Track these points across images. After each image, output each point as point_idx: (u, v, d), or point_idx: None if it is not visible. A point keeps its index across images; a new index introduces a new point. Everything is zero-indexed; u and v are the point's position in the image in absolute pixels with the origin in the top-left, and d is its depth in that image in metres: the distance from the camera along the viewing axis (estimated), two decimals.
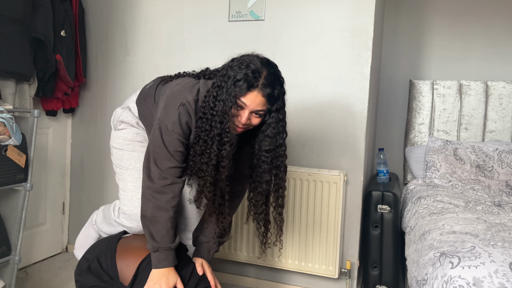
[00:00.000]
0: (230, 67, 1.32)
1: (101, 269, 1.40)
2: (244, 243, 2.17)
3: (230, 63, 1.34)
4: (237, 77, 1.28)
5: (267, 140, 1.37)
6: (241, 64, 1.30)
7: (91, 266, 1.42)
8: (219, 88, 1.32)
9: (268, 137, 1.36)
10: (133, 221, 1.54)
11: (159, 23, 2.40)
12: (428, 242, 1.51)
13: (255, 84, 1.27)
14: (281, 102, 1.34)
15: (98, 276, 1.40)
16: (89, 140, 2.60)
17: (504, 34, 2.70)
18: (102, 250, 1.45)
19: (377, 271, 2.05)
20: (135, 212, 1.53)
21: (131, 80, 2.47)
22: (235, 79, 1.28)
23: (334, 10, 2.07)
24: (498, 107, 2.59)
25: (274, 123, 1.35)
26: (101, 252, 1.44)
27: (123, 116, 1.61)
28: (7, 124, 1.70)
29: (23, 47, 2.05)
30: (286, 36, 2.15)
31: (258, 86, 1.28)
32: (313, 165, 2.14)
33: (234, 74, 1.29)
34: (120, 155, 1.60)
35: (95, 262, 1.42)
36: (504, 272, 1.17)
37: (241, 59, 1.32)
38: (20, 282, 2.19)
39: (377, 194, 2.06)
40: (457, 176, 2.35)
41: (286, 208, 2.07)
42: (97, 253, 1.45)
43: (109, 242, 1.48)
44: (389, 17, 2.89)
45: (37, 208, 2.46)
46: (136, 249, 1.44)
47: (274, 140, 1.37)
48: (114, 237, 1.51)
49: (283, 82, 1.35)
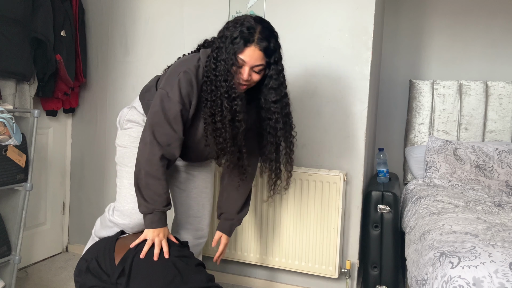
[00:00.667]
0: (226, 28, 1.40)
1: (100, 269, 1.41)
2: (244, 243, 2.17)
3: (226, 25, 1.42)
4: (234, 35, 1.36)
5: (272, 92, 1.44)
6: (235, 23, 1.38)
7: (90, 267, 1.42)
8: (219, 49, 1.39)
9: (273, 89, 1.43)
10: (125, 217, 1.56)
11: (159, 23, 2.40)
12: (428, 242, 1.51)
13: (251, 39, 1.35)
14: (278, 54, 1.42)
15: (97, 276, 1.41)
16: (89, 140, 2.60)
17: (504, 34, 2.70)
18: (100, 251, 1.45)
19: (377, 271, 2.05)
20: (127, 208, 1.55)
21: (131, 80, 2.47)
22: (232, 38, 1.36)
23: (334, 10, 2.07)
24: (498, 107, 2.59)
25: (275, 74, 1.42)
26: (99, 252, 1.45)
27: (129, 115, 1.64)
28: (7, 124, 1.70)
29: (23, 47, 2.05)
30: (286, 36, 2.15)
31: (254, 41, 1.35)
32: (313, 165, 2.14)
33: (230, 33, 1.37)
34: (123, 153, 1.62)
35: (94, 262, 1.42)
36: (504, 272, 1.17)
37: (235, 20, 1.41)
38: (20, 282, 2.19)
39: (377, 194, 2.06)
40: (457, 176, 2.35)
41: (287, 208, 2.07)
42: (96, 254, 1.45)
43: (107, 242, 1.49)
44: (389, 17, 2.89)
45: (37, 208, 2.46)
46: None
47: (279, 91, 1.44)
48: (112, 238, 1.52)
49: (277, 36, 1.43)
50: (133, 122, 1.64)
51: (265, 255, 2.13)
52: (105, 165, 2.55)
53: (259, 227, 2.13)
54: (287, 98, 1.49)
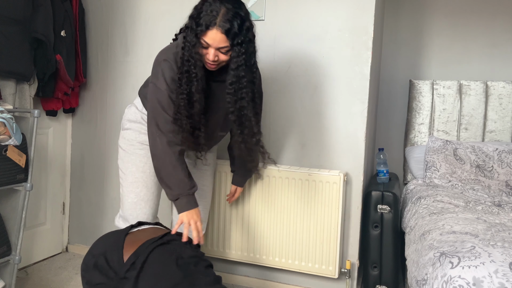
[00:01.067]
0: (195, 8, 1.43)
1: (107, 266, 1.37)
2: (244, 242, 2.17)
3: (195, 5, 1.44)
4: (197, 18, 1.39)
5: (230, 73, 1.45)
6: (202, 4, 1.40)
7: (98, 263, 1.39)
8: (187, 29, 1.44)
9: (231, 69, 1.45)
10: (126, 222, 1.65)
11: (159, 23, 2.40)
12: (428, 242, 1.51)
13: (213, 22, 1.36)
14: (243, 36, 1.41)
15: (104, 273, 1.38)
16: (89, 140, 2.60)
17: (504, 35, 2.70)
18: (108, 246, 1.42)
19: (377, 271, 2.05)
20: (127, 214, 1.65)
21: (131, 80, 2.47)
22: (196, 20, 1.39)
23: (334, 10, 2.07)
24: (498, 107, 2.59)
25: (236, 57, 1.42)
26: (107, 248, 1.41)
27: (129, 114, 1.69)
28: (7, 124, 1.70)
29: (23, 47, 2.05)
30: (286, 36, 2.15)
31: (216, 24, 1.36)
32: (313, 165, 2.14)
33: (195, 15, 1.40)
34: (122, 156, 1.69)
35: (102, 259, 1.39)
36: (504, 272, 1.17)
37: (203, 1, 1.42)
38: (20, 282, 2.19)
39: (377, 194, 2.06)
40: (457, 176, 2.35)
41: (287, 208, 2.07)
42: (104, 249, 1.42)
43: (116, 237, 1.45)
44: (389, 17, 2.89)
45: (37, 208, 2.46)
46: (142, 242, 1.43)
47: (236, 72, 1.44)
48: (121, 232, 1.48)
49: (245, 17, 1.42)
50: (132, 122, 1.68)
51: (265, 255, 2.13)
52: (105, 165, 2.55)
53: (259, 227, 2.13)
54: (245, 80, 1.46)
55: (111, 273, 1.38)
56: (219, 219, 2.20)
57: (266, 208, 2.11)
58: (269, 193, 2.09)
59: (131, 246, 1.41)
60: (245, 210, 2.15)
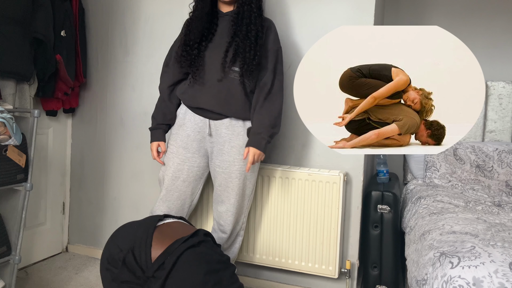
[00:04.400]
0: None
1: (135, 263, 1.36)
2: (243, 242, 2.16)
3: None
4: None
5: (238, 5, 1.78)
6: None
7: (126, 260, 1.37)
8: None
9: (240, 5, 1.76)
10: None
11: (159, 23, 2.40)
12: (428, 242, 1.51)
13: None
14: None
15: (132, 271, 1.36)
16: (89, 140, 2.60)
17: (504, 35, 2.70)
18: (137, 241, 1.40)
19: (377, 271, 2.05)
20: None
21: (131, 80, 2.47)
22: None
23: (334, 10, 2.07)
24: (498, 107, 2.59)
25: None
26: (135, 244, 1.39)
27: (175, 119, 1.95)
28: (7, 124, 1.70)
29: (23, 47, 2.05)
30: (286, 36, 2.15)
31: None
32: (313, 165, 2.14)
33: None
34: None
35: (130, 255, 1.37)
36: (504, 272, 1.17)
37: None
38: (20, 282, 2.19)
39: (377, 194, 2.06)
40: (457, 176, 2.35)
41: (287, 208, 2.07)
42: (132, 244, 1.39)
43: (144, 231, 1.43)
44: (389, 17, 2.89)
45: (37, 208, 2.46)
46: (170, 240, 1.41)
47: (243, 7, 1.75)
48: (149, 225, 1.46)
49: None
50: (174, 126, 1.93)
51: (265, 255, 2.13)
52: (105, 165, 2.55)
53: (258, 227, 2.13)
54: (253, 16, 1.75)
55: (138, 272, 1.36)
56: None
57: (265, 208, 2.11)
58: (269, 193, 2.09)
59: (159, 244, 1.39)
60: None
